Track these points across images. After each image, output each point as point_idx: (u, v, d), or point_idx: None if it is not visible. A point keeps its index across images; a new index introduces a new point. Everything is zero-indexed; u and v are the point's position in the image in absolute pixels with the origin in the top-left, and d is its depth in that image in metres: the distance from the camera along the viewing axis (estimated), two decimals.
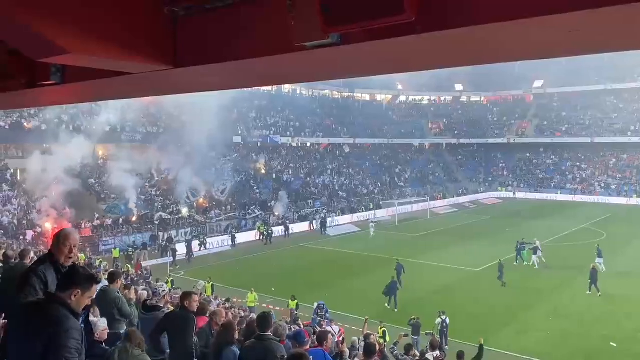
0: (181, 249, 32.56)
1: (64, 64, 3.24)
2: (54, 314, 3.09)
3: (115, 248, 31.06)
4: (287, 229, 39.87)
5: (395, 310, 20.88)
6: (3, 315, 4.23)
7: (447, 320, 17.31)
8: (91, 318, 5.28)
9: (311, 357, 5.73)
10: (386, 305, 21.46)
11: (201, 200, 41.83)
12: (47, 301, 3.25)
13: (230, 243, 35.91)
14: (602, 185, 59.31)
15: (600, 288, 22.10)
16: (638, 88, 65.69)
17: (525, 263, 27.96)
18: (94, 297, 5.32)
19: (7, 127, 36.63)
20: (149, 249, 32.60)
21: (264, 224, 39.60)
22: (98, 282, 4.53)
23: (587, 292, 22.55)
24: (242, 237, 37.20)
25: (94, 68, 3.07)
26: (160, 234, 34.98)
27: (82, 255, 27.97)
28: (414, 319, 16.91)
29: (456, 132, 74.14)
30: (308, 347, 6.10)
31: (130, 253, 30.94)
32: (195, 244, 33.97)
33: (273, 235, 37.96)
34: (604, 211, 47.68)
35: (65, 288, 3.23)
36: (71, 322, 3.11)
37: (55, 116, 36.71)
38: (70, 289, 3.21)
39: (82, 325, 3.39)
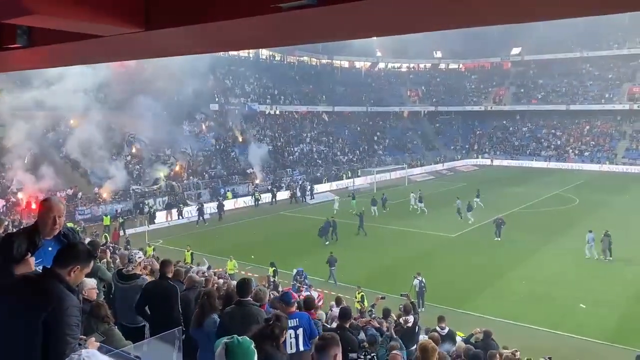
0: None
1: (30, 25, 3.10)
2: (53, 291, 2.97)
3: (106, 215, 30.96)
4: (274, 196, 40.35)
5: (327, 243, 26.09)
6: None
7: (424, 281, 17.71)
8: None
9: (297, 319, 5.81)
10: (325, 243, 26.19)
11: (177, 168, 41.43)
12: (43, 276, 3.10)
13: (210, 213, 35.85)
14: (576, 152, 60.44)
15: (608, 259, 22.76)
16: (612, 56, 66.57)
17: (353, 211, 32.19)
18: None
19: None
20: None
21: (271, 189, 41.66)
22: (95, 258, 4.51)
23: (496, 239, 26.17)
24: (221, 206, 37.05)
25: (61, 30, 2.95)
26: (147, 201, 35.10)
27: (71, 224, 27.79)
28: (330, 253, 21.22)
29: (434, 99, 74.28)
30: (294, 308, 6.17)
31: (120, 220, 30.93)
32: (174, 212, 34.45)
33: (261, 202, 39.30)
34: (577, 178, 48.72)
35: (65, 264, 3.09)
36: (71, 299, 3.01)
37: (24, 82, 35.58)
38: (69, 265, 3.09)
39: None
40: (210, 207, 35.49)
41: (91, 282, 5.61)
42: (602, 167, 55.27)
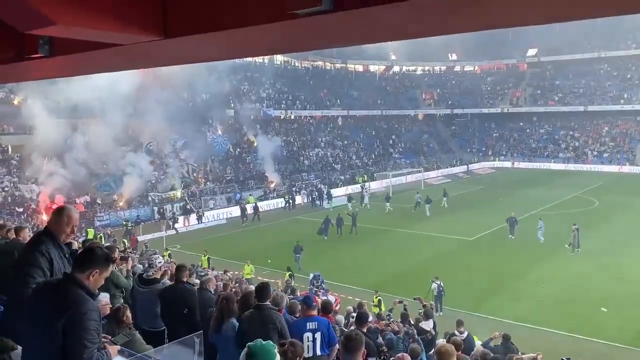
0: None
1: (51, 35, 3.17)
2: (72, 296, 3.00)
3: (126, 221, 31.88)
4: (293, 199, 40.82)
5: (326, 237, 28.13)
6: None
7: (442, 284, 17.59)
8: None
9: (316, 322, 5.83)
10: (324, 237, 28.05)
11: (195, 174, 41.77)
12: (63, 282, 3.13)
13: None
14: (595, 153, 59.58)
15: (576, 251, 23.77)
16: (631, 55, 65.58)
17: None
18: None
19: None
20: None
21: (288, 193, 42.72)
22: (114, 262, 4.55)
23: (510, 237, 26.93)
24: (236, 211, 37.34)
25: (81, 40, 3.00)
26: (168, 206, 35.76)
27: (91, 230, 28.35)
28: (297, 242, 23.01)
29: (450, 102, 73.81)
30: (315, 312, 6.19)
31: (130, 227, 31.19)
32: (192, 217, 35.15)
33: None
34: (596, 179, 48.00)
35: (84, 268, 3.12)
36: (89, 303, 3.03)
37: (43, 91, 36.14)
38: (88, 269, 3.11)
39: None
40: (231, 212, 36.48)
41: (104, 298, 5.60)
42: (622, 169, 54.39)
